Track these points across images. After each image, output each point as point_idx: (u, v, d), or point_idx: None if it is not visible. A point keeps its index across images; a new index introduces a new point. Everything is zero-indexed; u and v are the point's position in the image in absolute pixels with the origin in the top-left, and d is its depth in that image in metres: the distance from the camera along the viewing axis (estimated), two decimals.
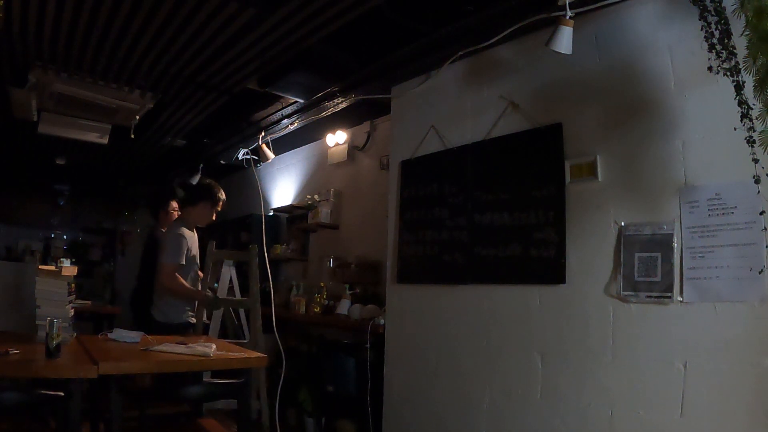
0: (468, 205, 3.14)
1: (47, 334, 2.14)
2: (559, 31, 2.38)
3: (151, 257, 4.06)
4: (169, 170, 6.90)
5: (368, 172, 4.86)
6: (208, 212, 3.57)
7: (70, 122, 4.74)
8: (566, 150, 2.71)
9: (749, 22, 1.84)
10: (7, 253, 7.67)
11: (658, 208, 2.35)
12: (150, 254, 4.11)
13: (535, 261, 2.77)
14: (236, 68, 3.79)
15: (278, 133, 4.93)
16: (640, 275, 2.36)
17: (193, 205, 3.56)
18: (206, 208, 3.55)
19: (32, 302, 2.57)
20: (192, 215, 3.56)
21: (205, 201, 3.55)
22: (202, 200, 3.55)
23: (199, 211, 3.55)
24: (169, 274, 3.31)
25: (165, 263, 3.33)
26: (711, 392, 2.11)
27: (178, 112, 4.83)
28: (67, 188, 8.04)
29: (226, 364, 2.49)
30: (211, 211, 3.58)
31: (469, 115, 3.23)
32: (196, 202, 3.56)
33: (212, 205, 3.57)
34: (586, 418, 2.48)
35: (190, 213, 3.57)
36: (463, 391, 3.03)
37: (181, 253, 3.35)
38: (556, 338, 2.65)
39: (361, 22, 3.11)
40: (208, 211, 3.57)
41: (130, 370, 2.21)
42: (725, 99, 1.98)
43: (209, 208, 3.56)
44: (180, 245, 3.36)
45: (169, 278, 3.30)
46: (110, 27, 3.25)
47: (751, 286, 2.05)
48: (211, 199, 3.55)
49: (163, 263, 3.33)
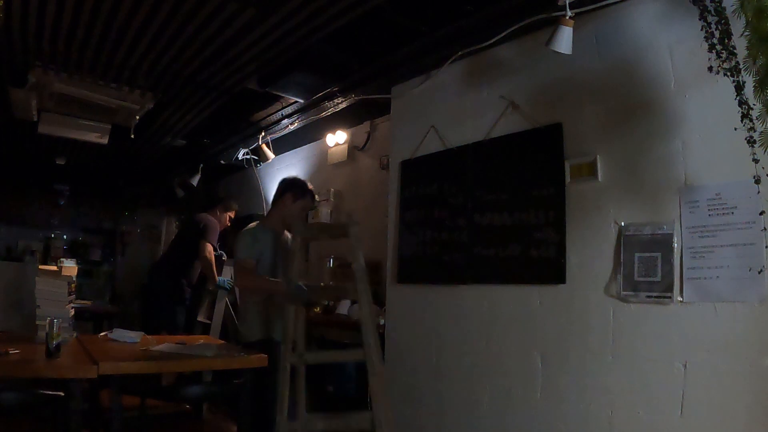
0: (468, 205, 3.14)
1: (47, 334, 2.14)
2: (559, 31, 2.38)
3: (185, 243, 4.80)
4: (169, 170, 6.90)
5: (368, 172, 4.85)
6: (299, 206, 3.12)
7: (70, 122, 4.74)
8: (566, 150, 2.71)
9: (749, 23, 1.84)
10: (7, 253, 7.67)
11: (658, 208, 2.35)
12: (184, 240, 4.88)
13: (535, 261, 2.76)
14: (236, 68, 3.79)
15: (278, 133, 4.93)
16: (640, 275, 2.36)
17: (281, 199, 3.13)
18: (293, 201, 3.11)
19: (32, 302, 2.57)
20: (289, 209, 3.11)
21: (292, 193, 3.12)
22: (288, 192, 3.12)
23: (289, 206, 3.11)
24: (239, 270, 2.99)
25: (237, 259, 3.01)
26: (711, 392, 2.11)
27: (178, 112, 4.83)
28: (67, 188, 8.03)
29: (226, 364, 2.49)
30: (303, 204, 3.13)
31: (469, 115, 3.23)
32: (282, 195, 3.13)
33: (297, 198, 3.11)
34: (586, 418, 2.48)
35: (287, 207, 3.12)
36: (463, 391, 3.03)
37: (252, 250, 2.98)
38: (556, 338, 2.65)
39: (361, 22, 3.11)
40: (298, 206, 3.12)
41: (130, 370, 2.21)
42: (725, 99, 1.98)
43: (297, 201, 3.11)
44: (249, 242, 3.01)
45: (239, 275, 3.01)
46: (110, 27, 3.25)
47: (751, 286, 2.05)
48: (292, 190, 3.12)
49: (236, 260, 3.02)
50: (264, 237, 3.04)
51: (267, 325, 2.95)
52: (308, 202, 3.14)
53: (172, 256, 4.87)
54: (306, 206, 3.15)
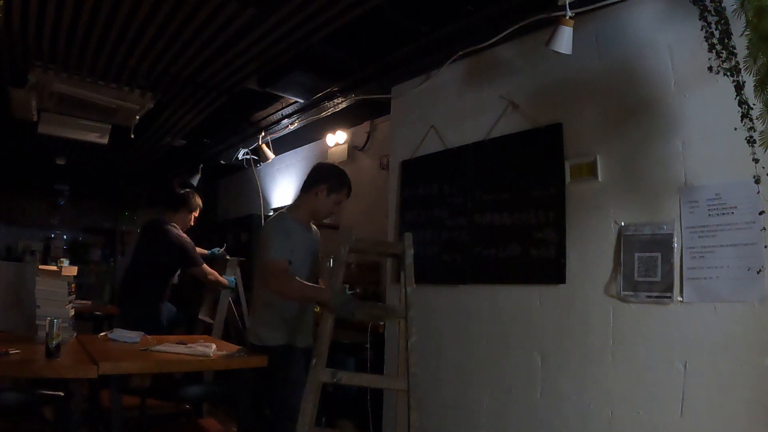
0: (468, 205, 3.14)
1: (47, 334, 2.14)
2: (559, 31, 2.38)
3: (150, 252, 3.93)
4: (169, 170, 6.90)
5: (368, 172, 4.86)
6: (332, 201, 2.76)
7: (70, 122, 4.74)
8: (566, 150, 2.71)
9: (749, 22, 1.84)
10: (7, 253, 7.68)
11: (658, 208, 2.35)
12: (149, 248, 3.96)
13: (535, 261, 2.76)
14: (236, 68, 3.79)
15: (278, 133, 4.93)
16: (640, 275, 2.36)
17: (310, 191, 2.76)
18: (328, 194, 2.75)
19: (32, 302, 2.57)
20: (323, 202, 2.75)
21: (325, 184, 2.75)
22: (323, 183, 2.75)
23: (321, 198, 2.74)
24: (274, 272, 2.52)
25: (270, 260, 2.54)
26: (711, 392, 2.11)
27: (178, 112, 4.83)
28: (67, 188, 8.04)
29: (226, 364, 2.48)
30: (337, 198, 2.77)
31: (469, 115, 3.23)
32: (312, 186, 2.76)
33: (333, 190, 2.74)
34: (586, 418, 2.48)
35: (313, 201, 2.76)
36: (463, 390, 3.03)
37: (286, 248, 2.58)
38: (556, 338, 2.65)
39: (361, 22, 3.11)
40: (332, 200, 2.76)
41: (130, 370, 2.21)
42: (725, 99, 1.98)
43: (331, 194, 2.75)
44: (283, 239, 2.60)
45: (274, 278, 2.52)
46: (110, 27, 3.25)
47: (751, 286, 2.05)
48: (328, 181, 2.75)
49: (268, 260, 2.55)
50: (296, 232, 2.66)
51: (292, 331, 2.63)
52: (343, 196, 2.77)
53: (144, 282, 3.89)
54: (340, 201, 2.78)
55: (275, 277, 2.49)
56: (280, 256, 2.52)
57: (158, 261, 3.88)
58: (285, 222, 2.67)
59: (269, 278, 2.49)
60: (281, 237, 2.58)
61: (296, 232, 2.66)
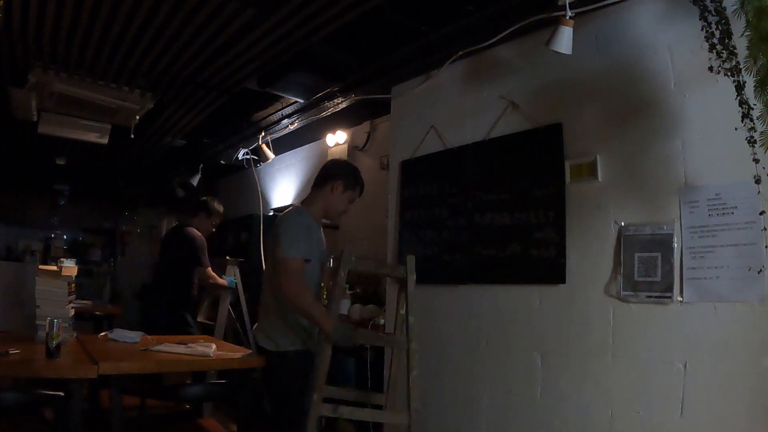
0: (468, 205, 3.14)
1: (47, 334, 2.14)
2: (559, 31, 2.38)
3: None
4: (169, 170, 6.90)
5: (368, 172, 4.84)
6: (346, 198, 2.67)
7: (70, 122, 4.74)
8: (566, 150, 2.71)
9: (750, 22, 1.84)
10: (7, 253, 7.68)
11: (658, 208, 2.35)
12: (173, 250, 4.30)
13: (535, 261, 2.77)
14: (236, 68, 3.79)
15: (278, 133, 4.93)
16: (640, 275, 2.36)
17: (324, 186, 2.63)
18: (343, 191, 2.65)
19: (32, 302, 2.57)
20: (336, 199, 2.64)
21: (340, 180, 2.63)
22: (339, 179, 2.63)
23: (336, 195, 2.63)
24: (287, 270, 2.36)
25: (285, 258, 2.39)
26: (711, 392, 2.11)
27: (178, 112, 4.84)
28: (67, 188, 8.04)
29: (226, 364, 2.48)
30: (351, 196, 2.68)
31: (469, 115, 3.23)
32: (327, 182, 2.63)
33: (348, 187, 2.64)
34: (586, 418, 2.48)
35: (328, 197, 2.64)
36: (463, 390, 3.03)
37: (304, 246, 2.44)
38: (556, 338, 2.65)
39: (361, 22, 3.11)
40: (346, 197, 2.66)
41: (130, 370, 2.20)
42: (725, 99, 1.98)
43: (346, 192, 2.65)
44: (303, 235, 2.46)
45: (286, 277, 2.36)
46: (110, 27, 3.25)
47: (751, 285, 2.04)
48: (343, 178, 2.63)
49: (283, 258, 2.39)
50: (314, 230, 2.53)
51: (310, 336, 2.49)
52: (357, 194, 2.68)
53: (170, 284, 4.19)
54: (353, 199, 2.68)
55: (287, 277, 2.35)
56: (298, 254, 2.39)
57: (176, 259, 4.24)
58: (305, 217, 2.53)
59: (281, 276, 2.36)
60: (302, 234, 2.45)
61: (315, 230, 2.55)
